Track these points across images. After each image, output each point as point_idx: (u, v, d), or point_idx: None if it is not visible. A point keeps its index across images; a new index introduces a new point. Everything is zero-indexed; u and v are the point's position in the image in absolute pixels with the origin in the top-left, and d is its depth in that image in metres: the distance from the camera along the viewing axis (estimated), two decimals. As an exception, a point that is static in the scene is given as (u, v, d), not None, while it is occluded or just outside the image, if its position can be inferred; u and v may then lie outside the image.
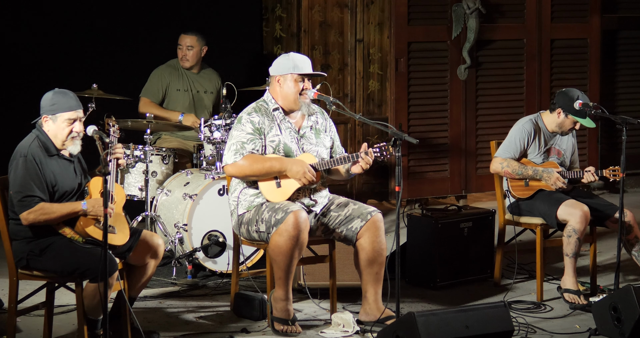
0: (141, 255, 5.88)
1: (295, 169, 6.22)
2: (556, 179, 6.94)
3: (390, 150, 6.22)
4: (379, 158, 6.27)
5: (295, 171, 6.22)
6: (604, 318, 6.12)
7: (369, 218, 6.29)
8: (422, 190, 9.53)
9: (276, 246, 6.10)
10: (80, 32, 8.69)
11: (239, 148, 6.26)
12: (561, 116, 7.05)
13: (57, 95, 5.73)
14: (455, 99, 9.57)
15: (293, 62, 6.35)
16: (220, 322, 6.48)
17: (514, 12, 9.74)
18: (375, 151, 6.25)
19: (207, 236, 7.35)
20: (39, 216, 5.57)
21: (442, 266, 7.22)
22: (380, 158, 6.26)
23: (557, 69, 9.90)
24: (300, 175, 6.22)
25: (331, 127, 6.57)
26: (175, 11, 8.98)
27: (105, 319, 5.43)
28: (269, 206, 6.22)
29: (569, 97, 7.00)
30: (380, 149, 6.24)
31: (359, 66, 9.50)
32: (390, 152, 6.23)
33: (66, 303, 6.58)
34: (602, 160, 9.91)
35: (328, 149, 6.50)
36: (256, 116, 6.34)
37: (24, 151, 5.64)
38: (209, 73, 8.49)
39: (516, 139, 7.08)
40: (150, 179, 7.62)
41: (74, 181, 5.77)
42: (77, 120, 5.73)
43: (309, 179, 6.22)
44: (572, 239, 6.84)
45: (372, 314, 6.31)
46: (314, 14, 9.31)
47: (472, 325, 5.62)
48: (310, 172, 6.23)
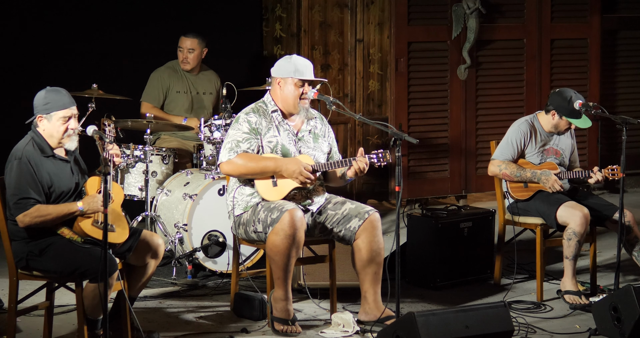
0: (141, 255, 5.87)
1: (291, 168, 6.21)
2: (554, 182, 6.93)
3: (387, 157, 6.20)
4: (375, 164, 6.24)
5: (292, 170, 6.21)
6: (604, 318, 6.11)
7: (366, 217, 6.29)
8: (422, 190, 9.54)
9: (273, 246, 6.10)
10: (80, 32, 8.69)
11: (233, 146, 6.26)
12: (555, 117, 7.05)
13: (50, 93, 5.72)
14: (455, 99, 9.57)
15: (295, 66, 6.34)
16: (220, 322, 6.48)
17: (514, 12, 9.74)
18: (372, 157, 6.23)
19: (207, 236, 7.35)
20: (35, 218, 5.57)
21: (442, 266, 7.22)
22: (377, 164, 6.24)
23: (557, 69, 9.90)
24: (297, 174, 6.21)
25: (330, 133, 6.57)
26: (175, 11, 8.98)
27: (105, 319, 5.43)
28: (264, 206, 6.22)
29: (562, 98, 7.00)
30: (377, 155, 6.22)
31: (359, 66, 9.50)
32: (387, 159, 6.21)
33: (66, 303, 6.58)
34: (602, 160, 9.87)
35: (325, 154, 6.49)
36: (254, 116, 6.34)
37: (19, 153, 5.64)
38: (209, 74, 8.49)
39: (513, 141, 7.08)
40: (150, 179, 7.62)
41: (71, 182, 5.76)
42: (72, 117, 5.72)
43: (305, 176, 6.21)
44: (572, 242, 6.84)
45: (372, 314, 6.31)
46: (314, 14, 9.32)
47: (472, 325, 5.62)
48: (307, 169, 6.22)
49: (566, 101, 6.97)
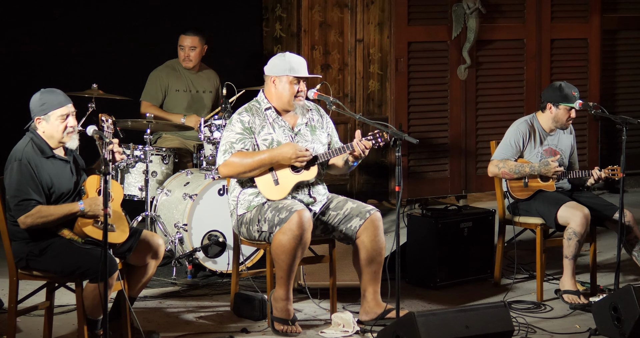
0: (141, 255, 5.87)
1: (286, 154, 6.15)
2: (555, 167, 6.94)
3: (385, 136, 6.17)
4: (375, 145, 6.22)
5: (288, 155, 6.16)
6: (604, 318, 6.12)
7: (367, 217, 6.29)
8: (422, 190, 9.53)
9: (279, 245, 6.09)
10: (80, 32, 8.69)
11: (228, 147, 6.24)
12: (553, 109, 7.07)
13: (45, 94, 5.72)
14: (455, 99, 9.57)
15: (289, 63, 6.32)
16: (220, 322, 6.48)
17: (514, 12, 9.74)
18: (369, 138, 6.21)
19: (207, 236, 7.35)
20: (37, 220, 5.57)
21: (442, 266, 7.22)
22: (376, 145, 6.22)
23: (557, 69, 9.90)
24: (293, 155, 6.16)
25: (328, 123, 6.54)
26: (175, 11, 8.98)
27: (105, 319, 5.43)
28: (272, 206, 6.21)
29: (551, 89, 7.07)
30: (374, 135, 6.19)
31: (359, 66, 9.50)
32: (385, 137, 6.17)
33: (66, 303, 6.59)
34: (602, 160, 9.91)
35: (325, 145, 6.47)
36: (246, 115, 6.32)
37: (18, 155, 5.64)
38: (208, 72, 8.49)
39: (512, 141, 7.09)
40: (150, 179, 7.63)
41: (71, 182, 5.76)
42: (70, 115, 5.72)
43: (303, 156, 6.16)
44: (572, 242, 6.84)
45: (372, 312, 6.31)
46: (314, 14, 9.31)
47: (472, 325, 5.62)
48: (302, 150, 6.18)
49: (557, 90, 7.02)
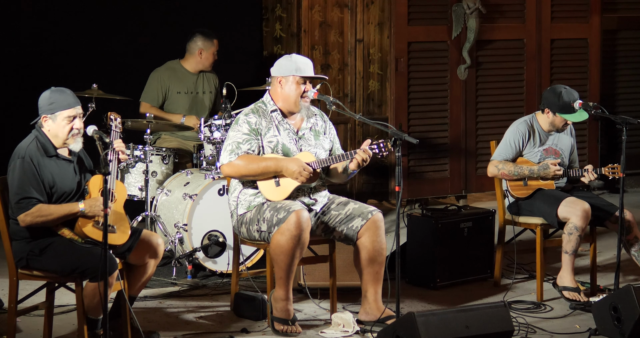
0: (141, 254, 5.88)
1: (291, 168, 6.21)
2: (555, 170, 6.94)
3: (388, 146, 6.19)
4: (378, 155, 6.24)
5: (292, 170, 6.21)
6: (604, 318, 6.12)
7: (369, 217, 6.29)
8: (422, 190, 9.53)
9: (278, 246, 6.10)
10: (81, 32, 8.69)
11: (234, 147, 6.26)
12: (550, 115, 7.07)
13: (55, 93, 5.72)
14: (455, 99, 9.57)
15: (296, 64, 6.34)
16: (220, 322, 6.48)
17: (514, 12, 9.74)
18: (373, 147, 6.22)
19: (207, 236, 7.35)
20: (36, 218, 5.57)
21: (442, 266, 7.22)
22: (379, 155, 6.24)
23: (557, 69, 9.90)
24: (297, 174, 6.21)
25: (331, 130, 6.57)
26: (175, 11, 8.98)
27: (105, 319, 5.43)
28: (270, 206, 6.22)
29: (553, 95, 7.02)
30: (379, 145, 6.21)
31: (359, 66, 9.50)
32: (388, 148, 6.20)
33: (66, 303, 6.59)
34: (602, 160, 9.91)
35: (327, 151, 6.49)
36: (253, 117, 6.34)
37: (22, 152, 5.64)
38: (207, 73, 8.48)
39: (511, 141, 7.09)
40: (150, 179, 7.63)
41: (73, 182, 5.76)
42: (77, 117, 5.73)
43: (306, 176, 6.22)
44: (573, 236, 6.84)
45: (372, 314, 6.31)
46: (314, 14, 9.31)
47: (472, 325, 5.62)
48: (307, 170, 6.21)
49: (557, 98, 6.99)
